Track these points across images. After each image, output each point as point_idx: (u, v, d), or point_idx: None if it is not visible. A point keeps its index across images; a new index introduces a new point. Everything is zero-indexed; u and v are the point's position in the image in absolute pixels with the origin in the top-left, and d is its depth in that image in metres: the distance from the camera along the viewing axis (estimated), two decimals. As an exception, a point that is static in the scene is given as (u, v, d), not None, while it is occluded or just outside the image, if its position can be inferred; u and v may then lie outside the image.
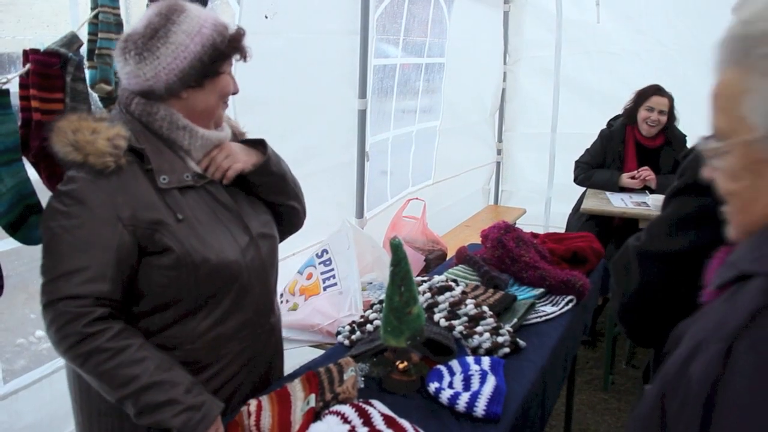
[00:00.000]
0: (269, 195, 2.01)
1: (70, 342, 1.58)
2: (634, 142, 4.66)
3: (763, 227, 0.84)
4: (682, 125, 4.59)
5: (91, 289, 1.60)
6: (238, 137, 2.01)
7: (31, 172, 1.87)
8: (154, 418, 1.60)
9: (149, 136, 1.74)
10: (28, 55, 1.79)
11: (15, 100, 1.81)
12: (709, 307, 0.87)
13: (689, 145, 4.38)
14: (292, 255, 3.44)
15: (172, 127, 1.74)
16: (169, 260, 1.68)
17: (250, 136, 3.15)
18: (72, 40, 1.86)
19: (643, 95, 4.54)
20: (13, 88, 1.79)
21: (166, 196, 1.71)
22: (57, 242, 1.62)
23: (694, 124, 3.49)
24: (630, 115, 4.61)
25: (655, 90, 4.53)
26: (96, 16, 1.95)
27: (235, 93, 1.85)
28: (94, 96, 1.99)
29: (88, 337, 1.58)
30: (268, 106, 3.27)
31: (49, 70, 1.80)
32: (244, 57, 1.82)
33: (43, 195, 1.87)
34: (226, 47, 1.74)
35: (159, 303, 1.73)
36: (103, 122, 1.69)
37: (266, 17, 3.11)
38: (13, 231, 1.84)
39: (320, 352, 2.45)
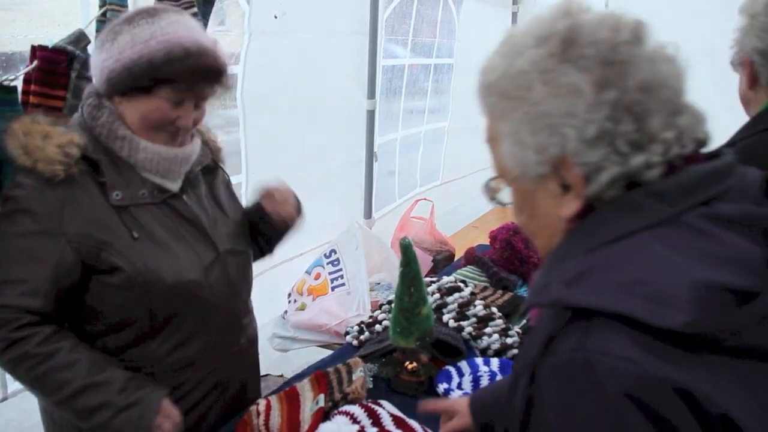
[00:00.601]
0: (269, 241, 2.00)
1: None
2: None
3: (555, 250, 0.89)
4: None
5: (22, 303, 1.51)
6: (214, 152, 1.90)
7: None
8: (93, 421, 1.51)
9: (105, 149, 1.61)
10: (36, 51, 1.79)
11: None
12: (531, 331, 0.93)
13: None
14: (300, 255, 3.44)
15: (111, 135, 1.60)
16: (119, 280, 1.57)
17: (258, 135, 3.17)
18: (80, 38, 1.85)
19: None
20: (20, 85, 1.79)
21: (121, 212, 1.59)
22: None
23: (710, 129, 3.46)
24: None
25: None
26: (104, 14, 1.95)
27: (181, 126, 1.62)
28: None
29: (15, 343, 1.49)
30: (276, 105, 3.27)
31: (55, 67, 1.79)
32: (197, 92, 1.60)
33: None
34: (165, 70, 1.52)
35: (112, 323, 1.62)
36: (57, 127, 1.57)
37: (275, 17, 3.11)
38: None
39: (328, 352, 2.45)
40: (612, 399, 0.72)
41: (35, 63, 1.77)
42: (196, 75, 1.56)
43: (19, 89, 1.78)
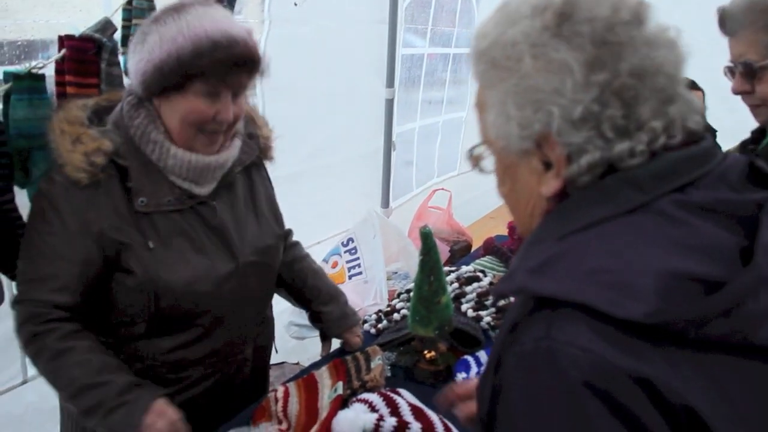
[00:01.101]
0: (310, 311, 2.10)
1: (23, 340, 1.57)
2: None
3: (531, 235, 0.87)
4: (710, 119, 4.51)
5: (53, 298, 1.56)
6: (263, 150, 1.91)
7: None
8: (91, 420, 1.53)
9: (139, 152, 1.62)
10: (63, 41, 1.80)
11: (50, 85, 1.81)
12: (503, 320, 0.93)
13: (719, 138, 4.32)
14: (318, 243, 3.45)
15: (144, 138, 1.60)
16: (132, 282, 1.60)
17: (277, 123, 3.16)
18: (106, 26, 1.86)
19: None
20: (48, 72, 1.80)
21: (141, 218, 1.60)
22: (31, 246, 1.60)
23: (722, 118, 3.44)
24: None
25: (691, 84, 4.45)
26: (130, 2, 1.95)
27: (222, 121, 1.60)
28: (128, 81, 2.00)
29: (37, 335, 1.55)
30: (295, 93, 3.27)
31: (84, 55, 1.80)
32: (229, 83, 1.58)
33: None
34: (195, 64, 1.50)
35: (125, 317, 1.65)
36: (92, 129, 1.57)
37: (295, 4, 3.11)
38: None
39: (345, 340, 2.45)
40: (572, 387, 0.71)
41: (63, 51, 1.78)
42: (227, 66, 1.54)
43: (49, 77, 1.79)
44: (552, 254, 0.79)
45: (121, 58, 1.91)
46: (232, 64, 1.54)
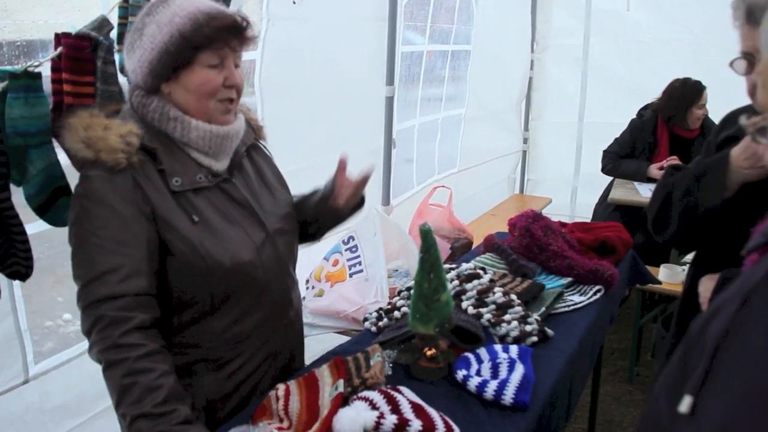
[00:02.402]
0: (321, 228, 2.13)
1: (104, 345, 1.54)
2: (669, 133, 4.59)
3: None
4: (713, 116, 4.52)
5: (130, 287, 1.56)
6: (256, 131, 2.00)
7: (61, 155, 1.88)
8: None
9: (161, 136, 1.70)
10: (60, 38, 1.80)
11: (47, 84, 1.81)
12: (741, 274, 0.87)
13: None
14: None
15: (163, 118, 1.69)
16: (177, 263, 1.65)
17: (276, 121, 3.16)
18: (102, 24, 1.86)
19: (696, 94, 4.42)
20: (45, 71, 1.80)
21: (179, 197, 1.67)
22: (86, 246, 1.59)
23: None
24: (676, 114, 4.49)
25: (701, 86, 4.44)
26: (126, 0, 1.95)
27: (231, 87, 1.72)
28: (124, 79, 1.99)
29: (119, 347, 1.53)
30: (295, 92, 3.27)
31: (80, 53, 1.80)
32: (230, 47, 1.69)
33: (73, 178, 1.87)
34: (197, 35, 1.62)
35: (175, 304, 1.70)
36: (115, 119, 1.65)
37: (294, 3, 3.10)
38: (42, 213, 1.86)
39: (346, 338, 2.45)
40: None
41: (60, 50, 1.78)
42: (225, 31, 1.65)
43: (45, 76, 1.79)
44: None
45: (116, 56, 1.91)
46: (228, 28, 1.66)
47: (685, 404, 0.78)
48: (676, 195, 2.04)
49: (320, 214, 2.08)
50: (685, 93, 4.44)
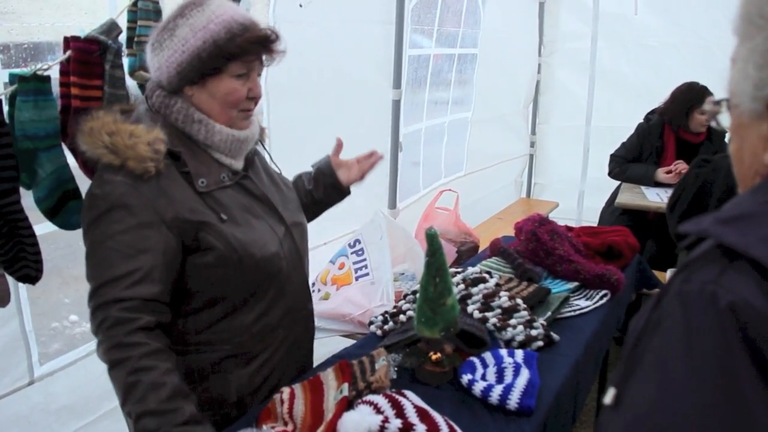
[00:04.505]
0: (323, 204, 2.22)
1: (108, 345, 1.56)
2: (675, 137, 4.57)
3: (747, 190, 0.87)
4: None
5: (141, 291, 1.57)
6: (261, 132, 2.00)
7: (70, 158, 1.88)
8: None
9: (182, 138, 1.72)
10: (69, 42, 1.80)
11: (55, 87, 1.82)
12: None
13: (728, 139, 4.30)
14: (324, 244, 3.44)
15: (188, 120, 1.71)
16: (212, 258, 1.68)
17: (283, 124, 3.17)
18: (111, 28, 1.87)
19: (699, 98, 4.40)
20: (54, 74, 1.81)
21: (205, 197, 1.70)
22: (102, 249, 1.60)
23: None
24: (677, 116, 4.48)
25: (706, 91, 4.42)
26: (135, 4, 1.96)
27: (253, 98, 1.77)
28: (132, 83, 2.00)
29: (123, 346, 1.55)
30: (301, 95, 3.27)
31: (88, 57, 1.81)
32: (260, 59, 1.74)
33: (81, 181, 1.88)
34: (231, 46, 1.66)
35: (206, 300, 1.74)
36: (138, 125, 1.66)
37: (301, 6, 3.11)
38: (52, 216, 1.87)
39: (351, 341, 2.45)
40: (726, 333, 0.72)
41: (69, 53, 1.79)
42: (256, 44, 1.69)
43: (54, 79, 1.80)
44: (746, 212, 0.80)
45: (125, 60, 1.91)
46: (260, 41, 1.70)
47: (609, 396, 0.83)
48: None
49: (314, 191, 2.21)
50: (688, 96, 4.43)
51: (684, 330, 0.76)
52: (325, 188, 2.21)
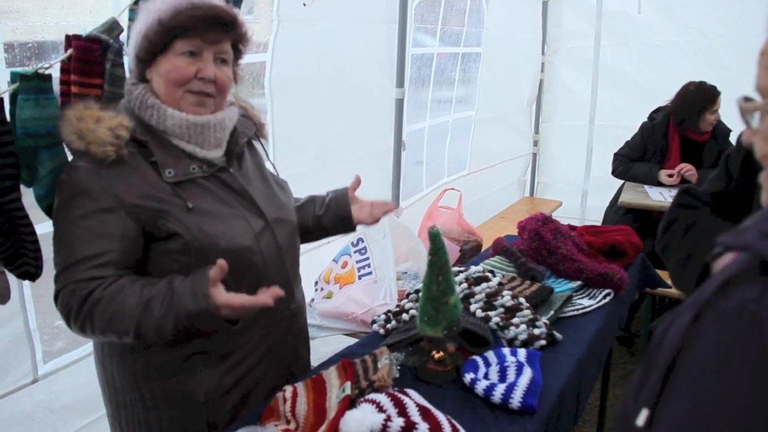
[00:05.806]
0: (326, 231, 2.18)
1: (74, 311, 1.59)
2: (680, 136, 4.56)
3: None
4: (725, 119, 4.50)
5: (96, 274, 1.60)
6: (258, 128, 2.01)
7: (70, 157, 1.88)
8: (167, 324, 1.57)
9: (149, 127, 1.71)
10: (71, 40, 1.80)
11: (56, 85, 1.82)
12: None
13: (733, 138, 4.29)
14: (328, 243, 3.43)
15: (142, 105, 1.71)
16: (177, 245, 1.67)
17: (286, 123, 3.17)
18: (113, 27, 1.87)
19: (711, 98, 4.38)
20: (55, 73, 1.81)
21: (174, 187, 1.69)
22: (65, 235, 1.63)
23: (737, 118, 3.41)
24: (689, 117, 4.45)
25: (717, 91, 4.40)
26: (136, 2, 1.96)
27: (206, 80, 1.70)
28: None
29: (88, 297, 1.58)
30: (305, 93, 3.28)
31: (89, 55, 1.81)
32: (207, 39, 1.68)
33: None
34: (173, 22, 1.63)
35: None
36: (107, 111, 1.67)
37: (304, 5, 3.11)
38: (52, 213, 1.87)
39: (354, 340, 2.45)
40: (766, 354, 0.70)
41: (70, 52, 1.79)
42: (205, 22, 1.66)
43: (55, 78, 1.80)
44: None
45: (125, 59, 1.91)
46: (209, 20, 1.66)
47: (641, 418, 0.79)
48: (674, 244, 1.92)
49: (323, 217, 2.14)
50: (700, 97, 4.40)
51: (721, 350, 0.73)
52: (334, 218, 2.15)
